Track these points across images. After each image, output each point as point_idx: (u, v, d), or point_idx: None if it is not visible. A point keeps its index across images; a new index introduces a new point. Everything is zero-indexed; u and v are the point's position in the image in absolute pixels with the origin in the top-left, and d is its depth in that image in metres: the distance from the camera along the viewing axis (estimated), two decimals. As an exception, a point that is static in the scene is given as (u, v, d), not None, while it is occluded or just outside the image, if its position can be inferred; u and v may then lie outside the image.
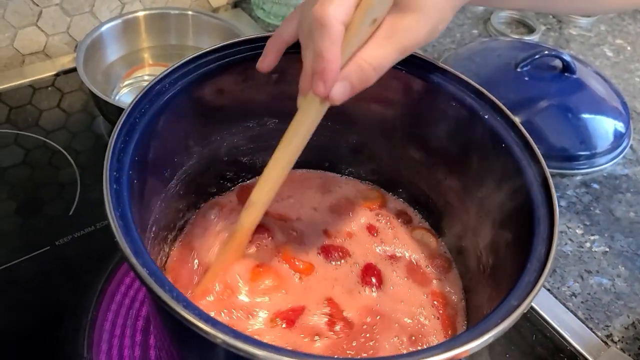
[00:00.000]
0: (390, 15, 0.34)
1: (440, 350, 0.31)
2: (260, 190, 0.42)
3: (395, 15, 0.34)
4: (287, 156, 0.40)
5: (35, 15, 0.78)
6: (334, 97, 0.35)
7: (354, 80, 0.35)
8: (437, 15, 0.35)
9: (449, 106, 0.44)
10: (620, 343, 0.58)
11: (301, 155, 0.41)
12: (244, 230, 0.44)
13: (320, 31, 0.33)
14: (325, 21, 0.33)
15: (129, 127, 0.39)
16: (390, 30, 0.34)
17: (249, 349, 0.29)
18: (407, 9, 0.34)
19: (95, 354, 0.53)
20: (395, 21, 0.34)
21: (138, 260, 0.32)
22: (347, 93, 0.35)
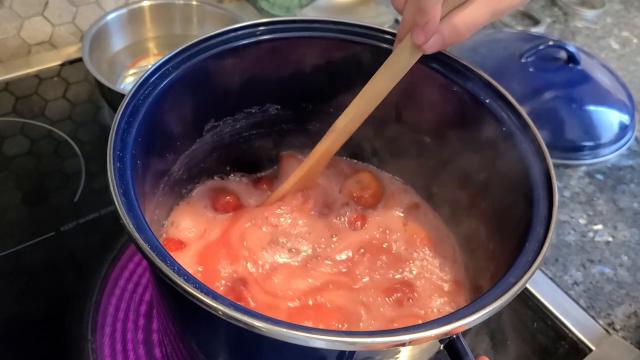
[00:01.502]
0: None
1: (437, 324, 0.31)
2: (345, 117, 0.45)
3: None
4: (374, 90, 0.44)
5: (41, 5, 0.79)
6: (428, 47, 0.39)
7: (447, 36, 0.39)
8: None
9: (450, 90, 0.44)
10: (621, 331, 0.58)
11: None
12: (323, 150, 0.47)
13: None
14: None
15: (132, 108, 0.40)
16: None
17: (248, 321, 0.29)
18: None
19: (99, 337, 0.53)
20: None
21: (140, 236, 0.33)
22: (439, 45, 0.39)
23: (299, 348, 0.32)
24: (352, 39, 0.49)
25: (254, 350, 0.36)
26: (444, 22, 0.38)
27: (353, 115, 0.45)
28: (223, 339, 0.38)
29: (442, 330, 0.31)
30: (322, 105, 0.52)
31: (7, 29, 0.78)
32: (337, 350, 0.32)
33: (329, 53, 0.49)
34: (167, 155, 0.47)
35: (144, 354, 0.53)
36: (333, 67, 0.49)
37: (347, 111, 0.45)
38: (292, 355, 0.35)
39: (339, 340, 0.30)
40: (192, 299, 0.31)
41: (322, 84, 0.50)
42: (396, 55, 0.42)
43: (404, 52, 0.41)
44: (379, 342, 0.30)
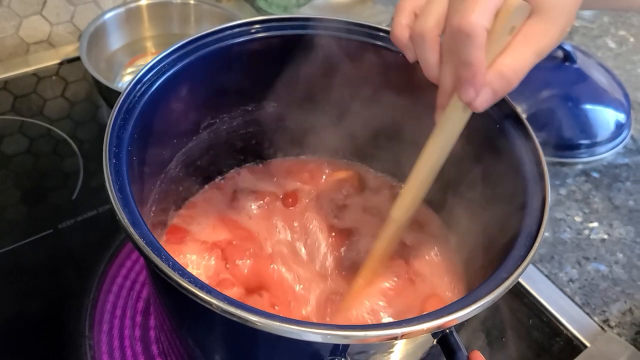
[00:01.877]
0: (525, 22, 0.35)
1: (430, 318, 0.31)
2: (401, 205, 0.43)
3: (530, 22, 0.35)
4: (427, 170, 0.41)
5: (40, 4, 0.79)
6: (479, 103, 0.36)
7: (497, 86, 0.36)
8: (567, 18, 0.36)
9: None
10: (616, 328, 0.58)
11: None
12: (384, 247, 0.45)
13: (466, 40, 0.34)
14: (471, 30, 0.33)
15: (128, 105, 0.40)
16: (527, 36, 0.35)
17: (242, 314, 0.30)
18: (541, 15, 0.35)
19: (97, 334, 0.53)
20: (531, 27, 0.35)
21: (136, 231, 0.33)
22: (490, 100, 0.36)
23: (293, 342, 0.33)
24: (348, 37, 0.49)
25: (248, 344, 0.37)
26: (490, 73, 0.35)
27: (409, 202, 0.42)
28: (218, 334, 0.39)
29: (434, 324, 0.31)
30: (318, 103, 0.53)
31: (5, 27, 0.79)
32: (331, 344, 0.32)
33: (325, 51, 0.49)
34: (163, 152, 0.47)
35: (141, 350, 0.53)
36: (329, 65, 0.49)
37: (402, 199, 0.42)
38: (286, 349, 0.35)
39: (332, 333, 0.30)
40: (187, 293, 0.31)
41: (318, 81, 0.51)
42: (445, 124, 0.39)
43: (453, 117, 0.38)
44: (372, 336, 0.30)
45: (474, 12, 0.33)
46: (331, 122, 0.53)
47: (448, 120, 0.39)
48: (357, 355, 0.34)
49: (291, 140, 0.57)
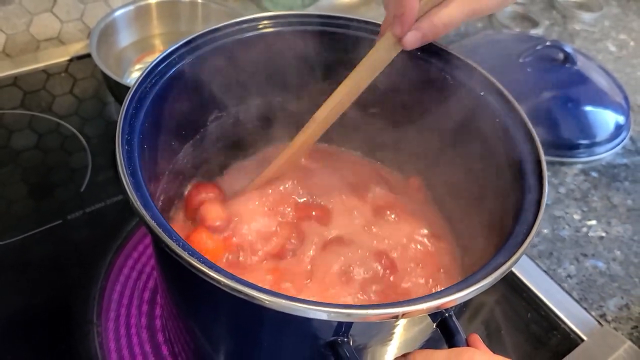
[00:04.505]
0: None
1: (429, 299, 0.32)
2: (325, 108, 0.47)
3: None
4: (354, 83, 0.45)
5: (50, 2, 0.81)
6: (407, 41, 0.41)
7: (426, 32, 0.40)
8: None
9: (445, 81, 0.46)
10: (613, 322, 0.59)
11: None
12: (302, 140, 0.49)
13: None
14: None
15: (140, 95, 0.42)
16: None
17: (250, 292, 0.31)
18: None
19: (104, 321, 0.55)
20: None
21: (147, 213, 0.34)
22: (418, 41, 0.41)
23: (297, 321, 0.34)
24: (353, 33, 0.51)
25: (254, 326, 0.38)
26: (422, 19, 0.40)
27: (333, 107, 0.46)
28: (225, 318, 0.40)
29: (433, 304, 0.32)
30: (323, 96, 0.54)
31: (16, 24, 0.80)
32: (335, 322, 0.33)
33: (331, 46, 0.50)
34: (172, 142, 0.48)
35: (147, 338, 0.54)
36: (334, 59, 0.51)
37: (327, 103, 0.47)
38: (290, 329, 0.36)
39: (336, 311, 0.31)
40: (196, 272, 0.32)
41: (323, 75, 0.52)
42: (377, 49, 0.43)
43: (384, 46, 0.43)
44: (374, 314, 0.31)
45: None
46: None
47: (379, 48, 0.43)
48: (360, 337, 0.36)
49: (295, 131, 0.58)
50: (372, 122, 0.54)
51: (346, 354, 0.34)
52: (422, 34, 0.41)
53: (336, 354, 0.35)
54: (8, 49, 0.82)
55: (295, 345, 0.38)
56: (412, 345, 0.41)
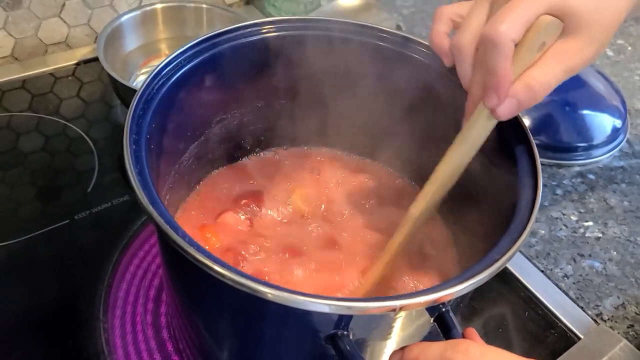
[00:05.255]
0: (560, 37, 0.36)
1: (426, 292, 0.33)
2: (419, 204, 0.43)
3: (563, 39, 0.36)
4: (448, 172, 0.42)
5: (58, 7, 0.82)
6: (502, 112, 0.37)
7: (522, 98, 0.37)
8: (604, 37, 0.37)
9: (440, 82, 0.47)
10: (609, 321, 0.60)
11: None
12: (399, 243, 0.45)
13: (492, 49, 0.35)
14: (497, 39, 0.35)
15: (147, 97, 0.43)
16: (559, 52, 0.36)
17: (253, 286, 0.32)
18: (576, 33, 0.36)
19: (110, 318, 0.56)
20: (564, 44, 0.36)
21: (155, 210, 0.35)
22: (514, 109, 0.38)
23: (300, 315, 0.35)
24: (355, 37, 0.52)
25: (257, 320, 0.39)
26: (516, 84, 0.37)
27: (427, 202, 0.43)
28: (228, 313, 0.41)
29: (431, 297, 0.33)
30: (325, 100, 0.55)
31: (25, 29, 0.82)
32: (336, 315, 0.34)
33: (333, 50, 0.51)
34: (178, 143, 0.50)
35: (152, 334, 0.55)
36: (336, 64, 0.52)
37: (421, 197, 0.43)
38: (293, 323, 0.38)
39: (336, 304, 0.32)
40: (201, 266, 0.33)
41: (325, 80, 0.53)
42: (470, 127, 0.40)
43: (478, 122, 0.39)
44: (373, 307, 0.33)
45: (503, 22, 0.35)
46: (337, 117, 0.55)
47: (473, 126, 0.40)
48: (359, 330, 0.37)
49: (297, 137, 0.60)
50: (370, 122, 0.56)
51: (346, 347, 0.36)
52: (517, 101, 0.37)
53: (336, 347, 0.36)
54: (17, 52, 0.84)
55: (296, 339, 0.40)
56: (411, 341, 0.42)
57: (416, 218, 0.44)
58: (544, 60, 0.36)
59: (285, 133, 0.59)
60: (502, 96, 0.37)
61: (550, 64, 0.36)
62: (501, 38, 0.35)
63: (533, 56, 0.37)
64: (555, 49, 0.37)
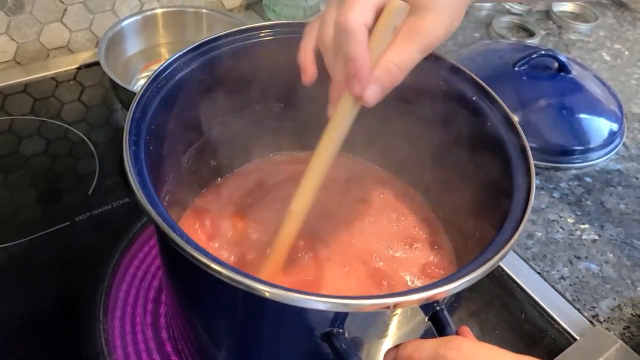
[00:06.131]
0: (409, 18, 0.37)
1: (420, 290, 0.34)
2: (299, 198, 0.43)
3: (413, 18, 0.37)
4: (322, 162, 0.42)
5: (60, 12, 0.83)
6: (368, 98, 0.38)
7: (384, 81, 0.38)
8: (453, 12, 0.38)
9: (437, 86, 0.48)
10: (605, 323, 0.61)
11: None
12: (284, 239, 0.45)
13: (345, 36, 0.36)
14: (348, 26, 0.35)
15: (146, 99, 0.44)
16: (411, 32, 0.37)
17: (250, 283, 0.32)
18: (424, 10, 0.37)
19: (110, 319, 0.56)
20: (415, 23, 0.37)
21: (154, 209, 0.36)
22: (379, 94, 0.38)
23: (296, 312, 0.36)
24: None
25: (253, 319, 0.40)
26: (376, 69, 0.37)
27: (308, 195, 0.43)
28: (226, 311, 0.41)
29: (424, 295, 0.34)
30: (322, 105, 0.56)
31: (27, 33, 0.83)
32: (332, 312, 0.35)
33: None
34: (177, 145, 0.50)
35: (152, 335, 0.56)
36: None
37: (300, 192, 0.43)
38: (289, 321, 0.38)
39: (333, 301, 0.33)
40: (199, 264, 0.34)
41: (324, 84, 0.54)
42: (337, 117, 0.40)
43: (345, 110, 0.39)
44: (368, 304, 0.33)
45: (352, 9, 0.36)
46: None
47: (340, 114, 0.40)
48: (355, 328, 0.37)
49: (294, 140, 0.60)
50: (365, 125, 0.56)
51: (342, 345, 0.36)
52: (380, 84, 0.37)
53: (332, 345, 0.36)
54: (19, 57, 0.85)
55: (293, 337, 0.40)
56: (406, 339, 0.42)
57: (299, 213, 0.43)
58: (398, 43, 0.37)
59: (283, 137, 0.60)
60: (364, 82, 0.37)
61: (405, 45, 0.37)
62: (352, 24, 0.35)
63: (388, 40, 0.37)
64: (407, 30, 0.37)
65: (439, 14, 0.37)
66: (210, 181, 0.59)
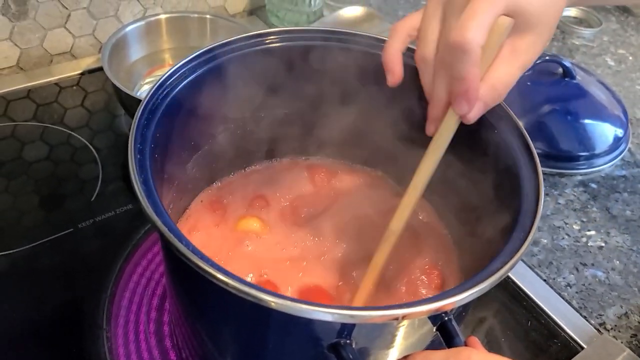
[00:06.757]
0: (511, 35, 0.37)
1: (428, 301, 0.34)
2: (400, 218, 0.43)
3: (516, 36, 0.38)
4: (424, 180, 0.42)
5: (64, 18, 0.83)
6: (472, 116, 0.39)
7: (488, 100, 0.38)
8: (550, 30, 0.39)
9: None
10: (612, 331, 0.60)
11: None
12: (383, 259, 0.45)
13: (461, 56, 0.36)
14: (467, 47, 0.35)
15: (151, 107, 0.43)
16: (514, 50, 0.38)
17: (256, 294, 0.32)
18: (526, 29, 0.37)
19: (114, 327, 0.56)
20: (516, 41, 0.38)
21: (159, 218, 0.36)
22: (482, 111, 0.39)
23: (302, 324, 0.35)
24: (357, 48, 0.52)
25: (259, 330, 0.39)
26: (482, 87, 0.38)
27: (407, 213, 0.43)
28: (231, 321, 0.41)
29: (433, 306, 0.33)
30: (327, 110, 0.56)
31: (30, 39, 0.83)
32: (339, 324, 0.34)
33: (335, 60, 0.52)
34: (182, 153, 0.50)
35: (155, 343, 0.56)
36: (338, 73, 0.52)
37: (401, 211, 0.43)
38: (296, 332, 0.38)
39: (340, 313, 0.32)
40: (205, 274, 0.33)
41: (328, 90, 0.54)
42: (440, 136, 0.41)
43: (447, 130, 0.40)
44: (376, 316, 0.33)
45: (471, 29, 0.35)
46: (339, 127, 0.56)
47: (443, 132, 0.41)
48: (362, 339, 0.37)
49: (299, 147, 0.60)
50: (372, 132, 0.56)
51: (349, 356, 0.36)
52: (484, 103, 0.38)
53: (339, 356, 0.36)
54: (22, 62, 0.85)
55: (299, 347, 0.40)
56: (414, 350, 0.42)
57: (399, 232, 0.44)
58: (501, 60, 0.38)
59: (289, 143, 0.60)
60: (472, 102, 0.37)
61: (509, 62, 0.38)
62: (470, 45, 0.35)
63: (494, 57, 0.38)
64: (510, 48, 0.38)
65: (539, 34, 0.38)
66: (216, 188, 0.58)
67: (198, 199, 0.56)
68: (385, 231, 0.44)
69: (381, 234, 0.45)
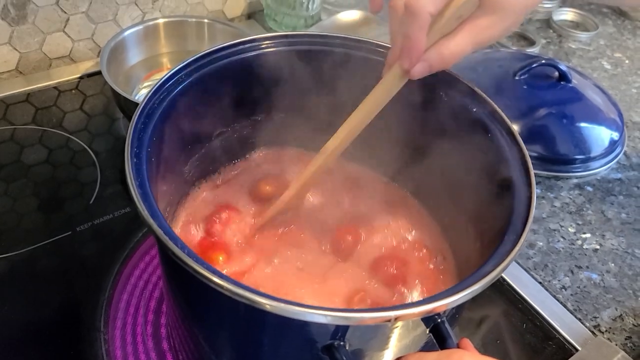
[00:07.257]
0: (475, 12, 0.40)
1: (421, 303, 0.34)
2: (335, 139, 0.48)
3: (479, 13, 0.40)
4: (362, 115, 0.46)
5: (62, 22, 0.84)
6: (414, 72, 0.42)
7: (433, 63, 0.41)
8: (514, 17, 0.41)
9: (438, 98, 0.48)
10: (607, 333, 0.60)
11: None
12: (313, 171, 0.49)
13: (411, 18, 0.39)
14: (414, 10, 0.39)
15: (148, 111, 0.44)
16: (472, 26, 0.40)
17: (251, 297, 0.33)
18: (489, 10, 0.40)
19: (111, 329, 0.57)
20: (477, 19, 0.40)
21: (155, 222, 0.36)
22: (425, 71, 0.42)
23: (297, 326, 0.36)
24: (353, 52, 0.53)
25: (254, 332, 0.39)
26: (431, 50, 0.41)
27: (342, 138, 0.47)
28: (227, 324, 0.42)
29: (425, 308, 0.34)
30: (323, 115, 0.56)
31: (30, 43, 0.83)
32: (333, 325, 0.35)
33: (331, 65, 0.53)
34: (179, 156, 0.50)
35: (153, 345, 0.56)
36: (334, 78, 0.53)
37: (337, 134, 0.47)
38: (290, 333, 0.38)
39: (334, 315, 0.33)
40: (200, 277, 0.34)
41: (325, 93, 0.54)
42: (385, 81, 0.44)
43: (392, 78, 0.44)
44: (369, 317, 0.33)
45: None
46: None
47: (388, 79, 0.44)
48: (356, 341, 0.37)
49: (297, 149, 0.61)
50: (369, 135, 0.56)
51: (342, 357, 0.36)
52: (429, 64, 0.41)
53: (333, 357, 0.36)
54: (21, 66, 0.85)
55: (293, 349, 0.40)
56: (407, 352, 0.42)
57: (331, 151, 0.48)
58: (457, 32, 0.40)
59: (285, 147, 0.60)
60: (413, 61, 0.41)
61: (464, 36, 0.40)
62: (420, 11, 0.38)
63: (451, 26, 0.40)
64: (470, 24, 0.40)
65: (502, 16, 0.40)
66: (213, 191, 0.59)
67: (196, 203, 0.57)
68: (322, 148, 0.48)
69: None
